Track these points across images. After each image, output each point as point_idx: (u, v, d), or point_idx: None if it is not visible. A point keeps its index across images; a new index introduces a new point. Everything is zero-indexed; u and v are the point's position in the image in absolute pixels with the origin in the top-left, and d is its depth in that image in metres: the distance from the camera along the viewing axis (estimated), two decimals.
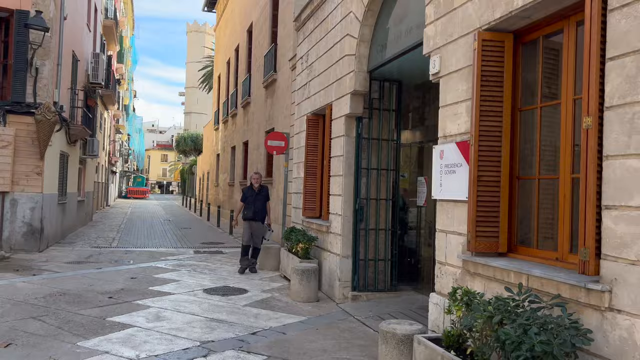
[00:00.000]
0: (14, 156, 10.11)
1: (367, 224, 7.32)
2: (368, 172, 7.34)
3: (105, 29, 22.39)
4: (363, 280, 7.26)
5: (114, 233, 15.15)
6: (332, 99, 7.78)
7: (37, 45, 10.15)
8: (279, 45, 14.68)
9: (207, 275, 8.77)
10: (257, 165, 16.97)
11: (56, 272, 8.48)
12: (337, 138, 7.53)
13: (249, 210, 9.19)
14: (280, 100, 14.39)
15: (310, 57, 9.09)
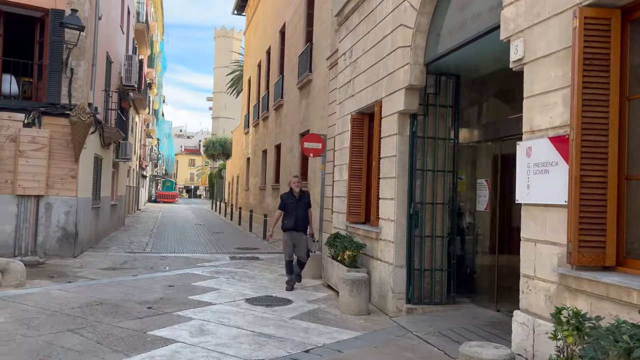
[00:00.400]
0: (49, 159, 9.86)
1: (422, 231, 6.73)
2: (423, 173, 6.76)
3: (137, 33, 22.36)
4: (418, 291, 6.67)
5: (147, 238, 14.89)
6: (382, 96, 7.23)
7: (72, 45, 9.91)
8: (315, 45, 14.22)
9: (246, 284, 8.30)
10: (291, 168, 16.53)
11: (91, 279, 8.14)
12: (388, 137, 6.98)
13: (289, 219, 8.09)
14: (316, 101, 13.91)
15: (354, 53, 8.56)
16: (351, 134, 8.42)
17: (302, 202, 8.25)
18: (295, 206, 8.15)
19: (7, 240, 9.65)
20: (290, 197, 8.26)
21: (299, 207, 8.17)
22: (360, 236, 7.85)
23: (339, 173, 9.21)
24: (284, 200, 8.25)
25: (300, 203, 8.22)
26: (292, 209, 8.12)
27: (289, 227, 8.08)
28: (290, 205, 8.16)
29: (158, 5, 34.14)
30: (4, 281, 7.11)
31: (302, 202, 8.24)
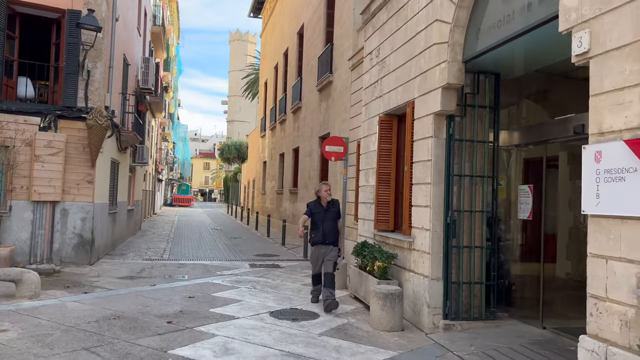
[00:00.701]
0: (65, 164, 9.58)
1: (460, 241, 6.27)
2: (460, 179, 6.30)
3: (154, 36, 22.19)
4: (456, 306, 6.20)
5: (164, 243, 14.59)
6: (415, 96, 6.79)
7: (89, 46, 9.63)
8: (335, 45, 13.82)
9: (269, 294, 7.90)
10: (310, 172, 16.13)
11: (108, 289, 7.80)
12: (422, 140, 6.53)
13: (316, 231, 7.27)
14: (336, 103, 13.51)
15: (382, 52, 8.13)
16: (379, 137, 7.99)
17: (331, 212, 7.38)
18: (323, 217, 7.30)
19: (22, 248, 9.38)
20: (317, 206, 7.40)
21: (328, 218, 7.31)
22: (390, 245, 7.40)
23: (365, 178, 8.77)
24: (311, 209, 7.43)
25: (329, 213, 7.35)
26: (320, 220, 7.30)
27: (317, 240, 7.28)
28: (318, 216, 7.32)
29: (174, 9, 34.08)
30: (18, 292, 6.80)
31: (330, 212, 7.38)
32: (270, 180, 24.30)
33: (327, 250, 7.27)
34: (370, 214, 8.30)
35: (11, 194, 9.25)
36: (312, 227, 7.39)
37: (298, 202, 17.78)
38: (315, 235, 7.30)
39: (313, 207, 7.43)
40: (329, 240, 7.28)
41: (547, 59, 5.94)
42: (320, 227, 7.26)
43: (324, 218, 7.30)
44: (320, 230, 7.26)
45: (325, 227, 7.25)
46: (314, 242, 7.33)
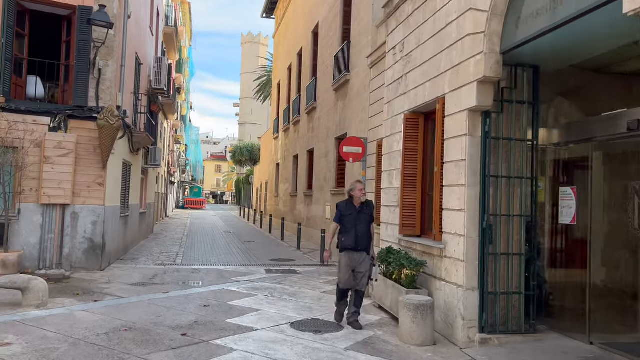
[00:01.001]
0: (75, 165, 9.24)
1: (497, 248, 5.78)
2: (497, 181, 5.82)
3: (166, 37, 21.93)
4: (492, 318, 5.72)
5: (176, 247, 14.23)
6: (446, 91, 6.32)
7: (100, 43, 9.29)
8: (353, 43, 13.38)
9: (288, 303, 7.46)
10: (326, 174, 15.69)
11: (119, 297, 7.42)
12: (454, 139, 6.06)
13: (347, 236, 6.36)
14: (353, 103, 13.06)
15: (407, 46, 7.68)
16: (404, 136, 7.52)
17: (365, 215, 6.47)
18: (355, 219, 6.41)
19: (31, 253, 9.05)
20: (349, 207, 6.50)
21: (361, 221, 6.42)
22: (418, 252, 6.92)
23: (388, 180, 8.31)
24: (341, 211, 6.51)
25: (362, 216, 6.44)
26: (352, 223, 6.39)
27: (348, 245, 6.35)
28: (349, 218, 6.42)
29: (186, 10, 33.90)
30: (25, 301, 6.43)
31: (364, 214, 6.46)
32: (284, 182, 23.90)
33: (359, 258, 6.35)
34: (395, 218, 7.83)
35: (20, 197, 8.93)
36: (341, 230, 6.49)
37: (313, 205, 17.35)
38: (345, 240, 6.37)
39: (344, 209, 6.51)
40: (362, 246, 6.37)
41: (592, 50, 5.45)
42: (352, 230, 6.35)
43: (357, 221, 6.40)
44: (352, 234, 6.34)
45: (358, 231, 6.36)
46: (344, 248, 6.39)
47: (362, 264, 6.35)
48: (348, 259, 6.38)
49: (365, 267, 6.35)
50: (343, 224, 6.46)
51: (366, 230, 6.43)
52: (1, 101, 8.72)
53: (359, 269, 6.34)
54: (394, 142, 8.09)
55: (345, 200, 6.65)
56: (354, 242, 6.34)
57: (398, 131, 7.86)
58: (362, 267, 6.35)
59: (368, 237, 6.45)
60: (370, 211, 6.57)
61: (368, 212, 6.52)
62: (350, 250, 6.35)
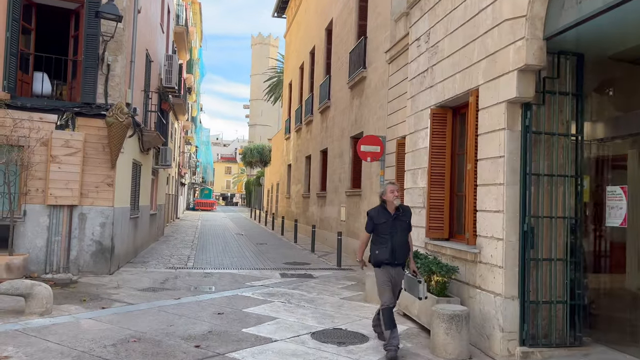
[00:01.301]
0: (83, 165, 8.86)
1: (539, 253, 5.28)
2: (538, 179, 5.32)
3: (177, 36, 21.60)
4: (534, 330, 5.21)
5: (188, 250, 13.82)
6: (480, 82, 5.83)
7: (108, 37, 8.90)
8: (369, 38, 12.91)
9: (307, 310, 6.99)
10: (341, 174, 15.22)
11: (128, 303, 6.99)
12: (491, 134, 5.56)
13: (382, 248, 5.35)
14: (370, 100, 12.59)
15: (434, 36, 7.19)
16: (431, 132, 7.03)
17: (401, 222, 5.43)
18: (390, 228, 5.36)
19: (38, 256, 8.67)
20: (382, 213, 5.43)
21: (397, 230, 5.38)
22: (447, 256, 6.43)
23: (412, 179, 7.81)
24: (373, 218, 5.46)
25: (398, 223, 5.41)
26: (387, 232, 5.36)
27: (384, 259, 5.35)
28: (384, 227, 5.37)
29: (197, 10, 33.65)
30: (28, 308, 6.03)
31: (400, 221, 5.42)
32: (296, 183, 23.47)
33: (397, 274, 5.43)
34: (420, 220, 7.34)
35: (26, 198, 8.57)
36: (374, 240, 5.48)
37: (327, 206, 16.89)
38: (380, 253, 5.36)
39: (376, 216, 5.44)
40: (400, 260, 5.41)
41: None
42: (388, 241, 5.34)
43: (393, 229, 5.36)
44: (387, 246, 5.32)
45: (395, 242, 5.34)
46: (379, 262, 5.39)
47: (396, 283, 5.46)
48: (386, 275, 5.38)
49: (397, 285, 5.50)
50: (376, 233, 5.45)
51: (404, 240, 5.44)
52: (6, 98, 8.37)
53: (397, 283, 5.47)
54: (418, 139, 7.60)
55: (377, 206, 5.61)
56: (390, 255, 5.32)
57: (423, 127, 7.38)
58: (399, 283, 5.52)
59: (407, 248, 5.49)
60: (408, 217, 5.52)
61: (405, 219, 5.48)
62: (387, 265, 5.38)
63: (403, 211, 5.50)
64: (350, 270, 11.02)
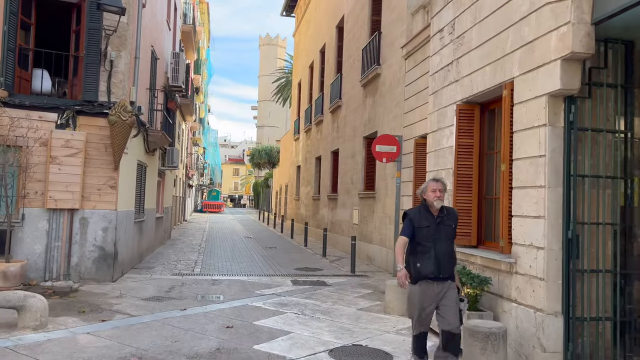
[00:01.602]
0: (85, 166, 8.41)
1: (585, 263, 4.72)
2: (583, 181, 4.76)
3: (184, 35, 21.19)
4: (580, 349, 4.65)
5: (195, 254, 13.35)
6: (514, 74, 5.28)
7: (111, 31, 8.45)
8: (384, 34, 12.38)
9: (323, 323, 6.46)
10: (353, 176, 14.68)
11: (130, 315, 6.50)
12: (528, 130, 5.02)
13: (423, 259, 4.39)
14: (385, 98, 12.05)
15: (459, 26, 6.65)
16: (457, 130, 6.49)
17: (446, 227, 4.50)
18: (434, 234, 4.43)
19: (36, 262, 8.22)
20: (425, 216, 4.49)
21: (441, 236, 4.44)
22: (477, 266, 5.88)
23: None
24: (412, 221, 4.49)
25: (443, 228, 4.47)
26: (429, 239, 4.41)
27: (428, 273, 4.37)
28: (426, 233, 4.43)
29: (204, 10, 33.28)
30: (21, 321, 5.55)
31: (444, 226, 4.49)
32: (305, 185, 22.95)
33: (441, 289, 4.40)
34: None
35: (24, 201, 8.12)
36: (412, 250, 4.51)
37: (338, 209, 16.35)
38: (423, 266, 4.38)
39: (417, 219, 4.49)
40: (446, 273, 4.42)
41: None
42: (431, 250, 4.38)
43: (436, 236, 4.42)
44: (430, 256, 4.38)
45: (439, 251, 4.39)
46: (420, 276, 4.39)
47: (446, 296, 4.40)
48: (426, 292, 4.39)
49: (451, 299, 4.40)
50: (416, 240, 4.45)
51: (450, 249, 4.49)
52: (3, 95, 7.93)
53: (443, 302, 4.40)
54: (442, 137, 7.05)
55: (418, 206, 4.65)
56: (435, 267, 4.35)
57: (448, 125, 6.83)
58: (448, 299, 4.40)
59: (453, 258, 4.52)
60: (454, 222, 4.56)
61: (450, 223, 4.51)
62: (430, 281, 4.38)
63: (448, 214, 4.54)
64: (365, 277, 10.49)
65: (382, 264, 11.64)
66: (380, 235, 11.95)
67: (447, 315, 4.38)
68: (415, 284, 4.45)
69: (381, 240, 11.85)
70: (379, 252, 11.93)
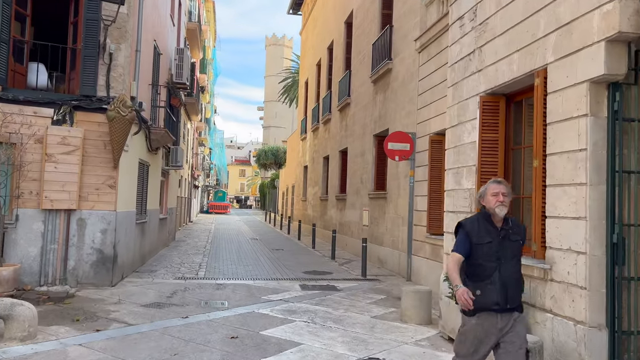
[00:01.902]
0: (82, 164, 7.98)
1: (631, 270, 4.20)
2: (629, 178, 4.25)
3: (189, 33, 20.79)
4: None
5: (199, 257, 12.90)
6: (548, 60, 4.78)
7: (110, 21, 8.01)
8: (395, 27, 11.89)
9: (335, 333, 5.98)
10: (362, 176, 14.19)
11: (127, 323, 6.05)
12: (565, 122, 4.51)
13: (486, 284, 3.46)
14: (397, 94, 11.56)
15: (482, 12, 6.15)
16: (480, 124, 5.98)
17: (513, 243, 3.56)
18: (497, 251, 3.49)
19: (31, 266, 7.79)
20: (485, 228, 3.54)
21: (507, 254, 3.51)
22: None
23: (455, 180, 6.76)
24: (470, 235, 3.54)
25: (508, 244, 3.54)
26: (492, 259, 3.47)
27: (489, 303, 3.43)
28: (488, 250, 3.49)
29: (210, 9, 32.91)
30: (8, 332, 5.11)
31: (511, 241, 3.55)
32: (313, 186, 22.48)
33: (507, 324, 3.46)
34: None
35: (18, 201, 7.70)
36: (469, 272, 3.53)
37: (347, 210, 15.86)
38: (483, 294, 3.41)
39: (475, 232, 3.53)
40: (514, 302, 3.49)
41: None
42: (495, 273, 3.44)
43: (501, 254, 3.48)
44: (494, 281, 3.43)
45: (505, 274, 3.45)
46: (481, 307, 3.41)
47: (512, 333, 3.47)
48: (481, 329, 3.47)
49: (519, 336, 3.49)
50: (475, 260, 3.49)
51: (517, 270, 3.55)
52: None
53: (507, 339, 3.47)
54: (463, 132, 6.54)
55: (475, 216, 3.69)
56: (500, 295, 3.41)
57: (470, 118, 6.33)
58: (514, 335, 3.47)
59: (521, 282, 3.62)
60: (521, 235, 3.62)
61: (517, 238, 3.57)
62: (493, 313, 3.43)
63: (513, 225, 3.58)
64: (377, 281, 9.99)
65: (394, 267, 11.14)
66: (392, 237, 11.45)
67: (510, 353, 3.44)
68: (472, 316, 3.47)
69: (393, 243, 11.34)
70: (391, 255, 11.43)
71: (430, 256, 9.22)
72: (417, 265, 9.79)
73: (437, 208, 9.02)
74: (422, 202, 9.64)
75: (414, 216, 10.00)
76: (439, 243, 8.66)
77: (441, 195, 8.89)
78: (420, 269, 9.63)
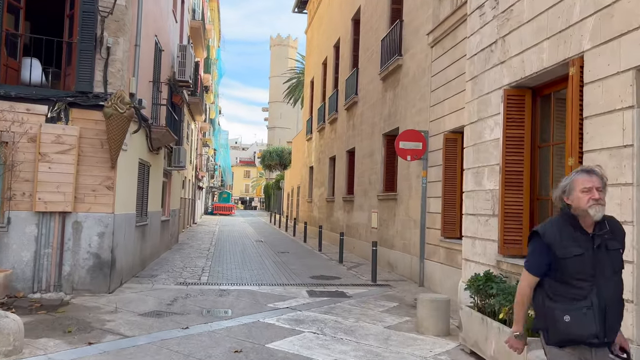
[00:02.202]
0: (78, 164, 7.56)
1: None
2: None
3: (193, 31, 20.39)
4: None
5: (202, 260, 12.47)
6: (585, 47, 4.31)
7: (106, 13, 7.60)
8: (406, 22, 11.43)
9: (347, 346, 5.52)
10: (371, 176, 13.72)
11: (123, 335, 5.61)
12: (605, 115, 4.05)
13: (578, 309, 2.50)
14: (408, 91, 11.09)
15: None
16: (504, 120, 5.53)
17: (611, 253, 2.59)
18: (593, 265, 2.54)
19: (24, 271, 7.38)
20: (572, 236, 2.58)
21: (605, 269, 2.55)
22: None
23: (475, 180, 6.30)
24: (552, 246, 2.58)
25: (607, 255, 2.57)
26: (586, 276, 2.53)
27: (585, 335, 2.50)
28: (580, 265, 2.54)
29: (214, 8, 32.55)
30: None
31: (609, 250, 2.58)
32: (318, 187, 22.03)
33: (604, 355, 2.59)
34: (488, 232, 5.82)
35: (10, 203, 7.29)
36: (553, 291, 2.61)
37: (355, 212, 15.40)
38: (574, 321, 2.51)
39: (558, 241, 2.59)
40: (612, 334, 2.57)
41: None
42: (590, 295, 2.52)
43: (598, 269, 2.55)
44: (590, 306, 2.51)
45: (604, 296, 2.53)
46: (571, 339, 2.54)
47: None
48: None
49: None
50: (560, 278, 2.58)
51: (619, 289, 2.62)
52: None
53: None
54: (484, 129, 6.08)
55: (555, 219, 2.72)
56: (598, 325, 2.50)
57: (492, 114, 5.86)
58: None
59: (622, 305, 2.64)
60: (620, 241, 2.66)
61: (617, 245, 2.62)
62: (586, 347, 2.55)
63: (613, 229, 2.64)
64: (387, 286, 9.52)
65: (406, 271, 10.67)
66: (403, 240, 10.98)
67: None
68: (559, 347, 2.60)
69: (404, 246, 10.87)
70: (402, 259, 10.96)
71: (444, 261, 8.75)
72: (430, 270, 9.31)
73: (452, 210, 8.55)
74: (436, 203, 9.17)
75: (427, 218, 9.53)
76: (455, 247, 8.19)
77: (456, 197, 8.44)
78: (434, 274, 9.15)
